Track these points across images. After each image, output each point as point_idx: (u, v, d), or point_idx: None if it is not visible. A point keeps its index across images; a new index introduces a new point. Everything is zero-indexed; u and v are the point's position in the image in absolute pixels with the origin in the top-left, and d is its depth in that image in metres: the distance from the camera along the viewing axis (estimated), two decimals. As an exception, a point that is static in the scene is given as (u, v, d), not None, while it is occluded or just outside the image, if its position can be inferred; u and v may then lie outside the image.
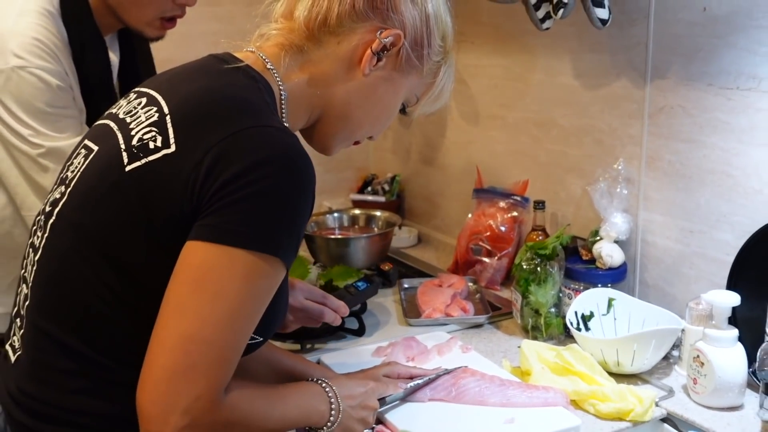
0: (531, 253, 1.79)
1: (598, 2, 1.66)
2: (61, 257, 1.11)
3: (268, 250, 1.00)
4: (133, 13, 1.58)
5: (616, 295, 1.71)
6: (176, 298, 0.99)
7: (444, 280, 2.06)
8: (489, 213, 2.19)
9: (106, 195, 1.07)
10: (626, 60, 1.82)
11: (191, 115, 1.07)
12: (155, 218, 1.03)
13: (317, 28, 1.17)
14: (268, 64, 1.17)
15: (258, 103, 1.10)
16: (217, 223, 0.99)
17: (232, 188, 0.99)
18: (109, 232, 1.06)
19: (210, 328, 0.98)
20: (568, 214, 2.05)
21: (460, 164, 2.45)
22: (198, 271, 0.99)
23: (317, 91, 1.20)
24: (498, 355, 1.71)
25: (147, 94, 1.15)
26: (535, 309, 1.76)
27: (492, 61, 2.25)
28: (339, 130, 1.25)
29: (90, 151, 1.15)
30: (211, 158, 1.00)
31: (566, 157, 2.04)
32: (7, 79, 1.45)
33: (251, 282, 1.00)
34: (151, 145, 1.05)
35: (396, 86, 1.24)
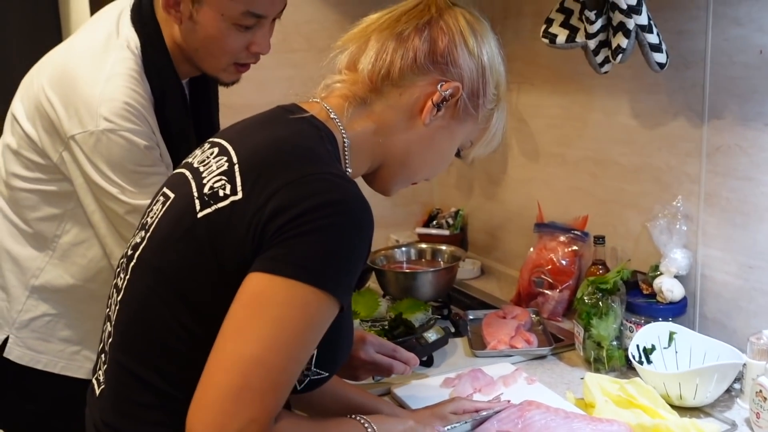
0: (593, 287, 1.77)
1: (657, 47, 1.66)
2: (141, 298, 1.13)
3: (325, 287, 1.01)
4: (209, 61, 1.58)
5: (677, 329, 1.68)
6: (235, 322, 1.00)
7: (508, 311, 2.05)
8: (550, 247, 2.17)
9: (180, 240, 1.10)
10: (683, 101, 1.80)
11: (257, 164, 1.09)
12: (224, 261, 1.05)
13: (380, 81, 1.20)
14: (332, 114, 1.19)
15: (320, 151, 1.12)
16: (277, 256, 1.01)
17: (292, 226, 1.01)
18: (184, 275, 1.08)
19: (268, 352, 0.98)
20: (628, 249, 2.02)
21: (520, 199, 2.44)
22: (258, 297, 1.00)
23: (379, 140, 1.22)
24: (561, 386, 1.69)
25: (219, 145, 1.18)
26: (597, 342, 1.74)
27: (551, 101, 2.25)
28: (399, 175, 1.28)
29: (167, 198, 1.17)
30: (273, 203, 1.02)
31: (625, 193, 2.02)
32: (97, 141, 1.46)
33: (307, 314, 1.01)
34: (221, 193, 1.08)
35: (453, 133, 1.26)
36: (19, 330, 1.63)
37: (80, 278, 1.62)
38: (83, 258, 1.61)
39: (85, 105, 1.46)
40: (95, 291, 1.63)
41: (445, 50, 1.20)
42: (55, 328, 1.64)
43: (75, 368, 1.66)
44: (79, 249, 1.60)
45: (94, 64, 1.50)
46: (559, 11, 1.79)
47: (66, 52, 1.58)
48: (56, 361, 1.65)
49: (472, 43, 1.22)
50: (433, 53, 1.20)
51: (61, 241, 1.60)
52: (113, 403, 1.15)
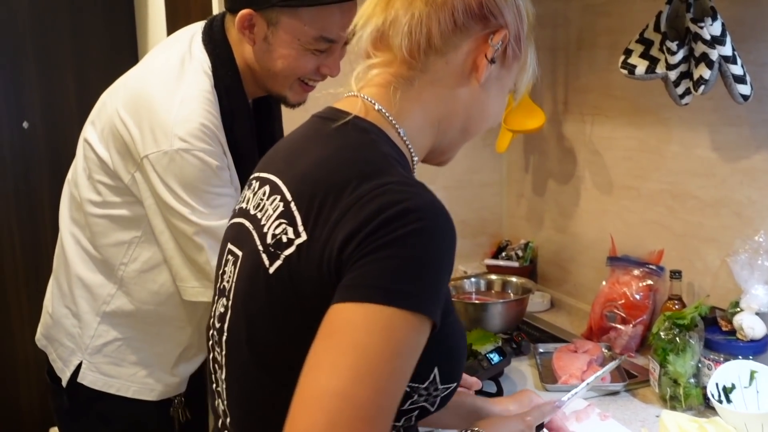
0: (669, 323, 1.72)
1: (741, 79, 1.61)
2: (245, 376, 1.03)
3: (405, 306, 0.88)
4: (279, 81, 1.58)
5: (758, 367, 1.62)
6: (314, 356, 0.89)
7: (579, 345, 2.00)
8: (623, 281, 2.12)
9: (261, 303, 0.99)
10: (766, 134, 1.74)
11: (311, 196, 0.97)
12: (312, 310, 0.92)
13: (423, 54, 1.06)
14: (376, 106, 1.05)
15: (376, 159, 0.99)
16: (352, 281, 0.89)
17: (361, 249, 0.89)
18: (279, 341, 0.98)
19: (349, 383, 0.85)
20: (705, 285, 1.96)
21: (592, 233, 2.39)
22: (333, 327, 0.89)
23: (436, 117, 1.10)
24: (636, 423, 1.63)
25: (268, 181, 1.06)
26: (673, 379, 1.68)
27: (626, 133, 2.21)
28: (459, 142, 1.16)
29: (236, 257, 1.07)
30: (339, 234, 0.91)
31: (703, 228, 1.96)
32: (170, 161, 1.47)
33: (391, 337, 0.88)
34: (284, 239, 0.97)
35: (504, 82, 1.14)
36: (92, 355, 1.64)
37: (151, 303, 1.63)
38: (154, 283, 1.62)
39: (160, 125, 1.48)
40: (166, 314, 1.64)
41: (482, 1, 1.06)
42: (127, 352, 1.65)
43: (147, 392, 1.67)
44: (150, 275, 1.61)
45: (168, 86, 1.52)
46: (639, 42, 1.77)
47: (140, 74, 1.60)
48: (129, 385, 1.66)
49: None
50: (470, 8, 1.05)
51: (129, 268, 1.61)
52: None
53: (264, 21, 1.51)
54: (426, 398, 1.03)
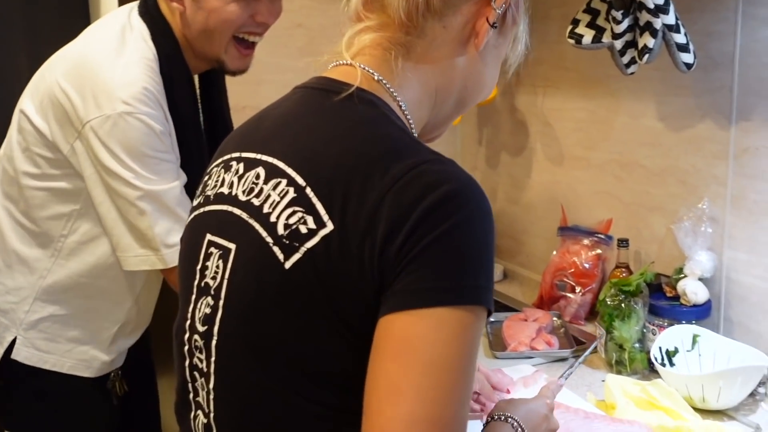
0: (615, 290, 1.75)
1: (684, 47, 1.63)
2: (248, 384, 0.92)
3: (473, 301, 0.82)
4: (214, 39, 1.57)
5: (700, 331, 1.65)
6: (386, 377, 0.81)
7: (529, 314, 2.02)
8: (573, 250, 2.14)
9: (273, 303, 0.88)
10: (711, 102, 1.77)
11: (334, 179, 0.86)
12: (337, 308, 0.85)
13: (421, 18, 0.96)
14: (376, 76, 0.96)
15: (396, 135, 0.91)
16: (408, 285, 0.81)
17: (414, 241, 0.81)
18: (295, 344, 0.88)
19: (433, 406, 0.80)
20: (652, 252, 1.99)
21: (544, 203, 2.41)
22: (404, 344, 0.81)
23: (433, 88, 1.01)
24: (583, 388, 1.66)
25: (261, 163, 0.94)
26: (619, 344, 1.71)
27: (576, 104, 2.23)
28: (453, 114, 1.08)
29: (226, 250, 0.94)
30: (382, 220, 0.82)
31: (650, 196, 1.99)
32: (113, 125, 1.46)
33: (465, 341, 0.82)
34: (303, 230, 0.86)
35: (500, 51, 1.06)
36: (26, 331, 1.61)
37: (89, 276, 1.61)
38: (92, 255, 1.59)
39: (103, 90, 1.47)
40: (103, 288, 1.62)
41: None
42: (63, 328, 1.63)
43: (83, 368, 1.64)
44: (88, 247, 1.59)
45: (110, 53, 1.51)
46: (586, 12, 1.77)
47: (80, 45, 1.58)
48: (64, 361, 1.63)
49: None
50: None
51: (69, 240, 1.58)
52: None
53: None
54: None
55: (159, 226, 1.49)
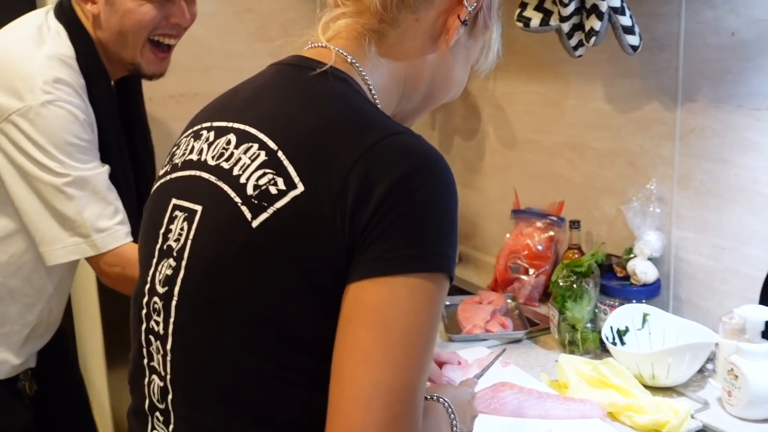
0: (567, 271, 1.76)
1: (629, 29, 1.64)
2: (206, 342, 0.92)
3: (440, 268, 0.85)
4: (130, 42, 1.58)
5: (650, 310, 1.68)
6: (359, 345, 0.83)
7: (484, 297, 2.04)
8: (526, 233, 2.16)
9: (238, 260, 0.89)
10: (657, 84, 1.79)
11: (306, 144, 0.89)
12: (305, 270, 0.86)
13: (395, 8, 1.00)
14: (349, 59, 1.00)
15: (368, 109, 0.95)
16: (382, 254, 0.84)
17: (385, 210, 0.84)
18: (257, 302, 0.88)
19: (407, 373, 0.82)
20: (603, 233, 2.02)
21: (498, 187, 2.43)
22: (377, 312, 0.83)
23: (402, 77, 1.05)
24: (536, 369, 1.68)
25: (232, 130, 0.96)
26: (571, 324, 1.73)
27: (527, 87, 2.24)
28: (421, 109, 1.11)
29: (191, 212, 0.95)
30: (353, 185, 0.84)
31: (600, 178, 2.01)
32: (36, 115, 1.45)
33: (433, 308, 0.85)
34: (273, 190, 0.88)
35: (470, 53, 1.11)
36: None
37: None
38: (4, 254, 1.56)
39: (24, 81, 1.46)
40: (13, 288, 1.58)
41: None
42: None
43: None
44: (1, 246, 1.56)
45: (29, 49, 1.51)
46: (534, -6, 1.78)
47: None
48: None
49: None
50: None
51: None
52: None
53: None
54: None
55: (88, 211, 1.47)
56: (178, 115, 2.44)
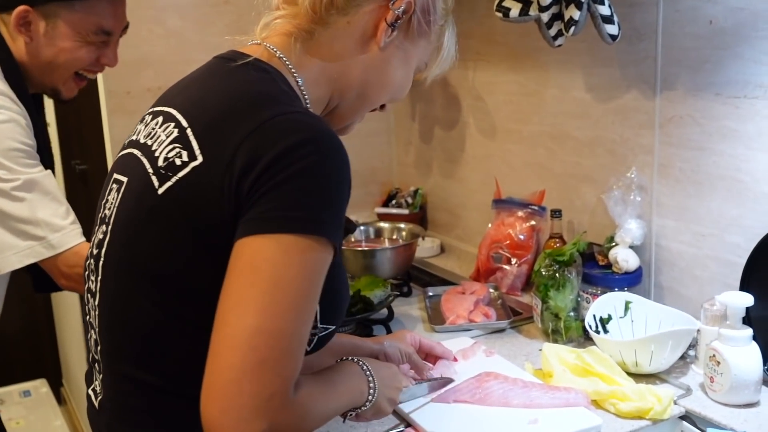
0: (549, 260, 1.77)
1: (608, 19, 1.65)
2: (119, 297, 1.05)
3: (316, 232, 0.93)
4: (57, 74, 1.63)
5: (632, 298, 1.69)
6: (234, 293, 0.92)
7: (467, 287, 2.05)
8: (508, 222, 2.17)
9: (145, 222, 1.01)
10: (636, 73, 1.80)
11: (210, 122, 1.01)
12: (200, 232, 0.96)
13: (324, 10, 1.10)
14: (278, 53, 1.10)
15: (274, 92, 1.04)
16: (259, 214, 0.93)
17: (267, 177, 0.93)
18: (159, 260, 1.00)
19: (274, 319, 0.90)
20: (584, 222, 2.03)
21: (479, 177, 2.43)
22: (252, 264, 0.92)
23: (334, 74, 1.14)
24: (520, 358, 1.69)
25: (162, 112, 1.09)
26: (554, 313, 1.74)
27: (507, 77, 2.24)
28: (358, 108, 1.20)
29: (120, 184, 1.09)
30: (241, 157, 0.94)
31: (580, 167, 2.02)
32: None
33: (305, 267, 0.93)
34: (177, 162, 1.00)
35: (408, 54, 1.18)
36: None
37: None
38: None
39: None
40: None
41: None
42: None
43: None
44: None
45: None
46: (513, -15, 1.78)
47: None
48: None
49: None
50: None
51: None
52: (116, 412, 1.08)
53: (41, 16, 1.56)
54: None
55: (42, 212, 1.48)
56: (157, 109, 2.43)
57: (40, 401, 3.79)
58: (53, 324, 4.02)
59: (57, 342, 4.03)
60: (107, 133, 2.42)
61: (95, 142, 2.61)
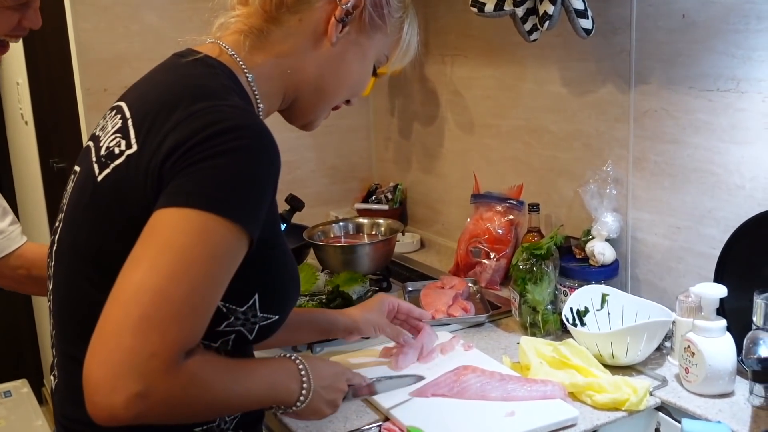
0: (527, 254, 1.78)
1: (582, 13, 1.66)
2: (66, 281, 1.09)
3: (220, 212, 0.94)
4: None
5: (609, 290, 1.70)
6: (134, 255, 0.93)
7: (446, 282, 2.05)
8: (487, 217, 2.18)
9: (86, 208, 1.06)
10: (611, 67, 1.81)
11: (148, 113, 1.04)
12: (133, 217, 0.98)
13: (275, 9, 1.13)
14: (229, 51, 1.13)
15: (213, 86, 1.06)
16: (171, 189, 0.95)
17: (186, 159, 0.95)
18: (97, 244, 1.03)
19: (166, 280, 0.90)
20: (561, 216, 2.04)
21: (458, 172, 2.44)
22: (153, 229, 0.94)
23: (287, 70, 1.16)
24: (498, 351, 1.70)
25: (116, 106, 1.14)
26: (532, 307, 1.75)
27: (484, 72, 2.25)
28: (316, 103, 1.22)
29: (75, 173, 1.14)
30: (166, 143, 0.97)
31: (557, 161, 2.03)
32: None
33: (205, 240, 0.93)
34: (116, 151, 1.04)
35: (364, 49, 1.20)
36: None
37: None
38: None
39: None
40: None
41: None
42: None
43: None
44: None
45: None
46: (488, -20, 1.79)
47: None
48: None
49: None
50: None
51: None
52: (66, 394, 1.11)
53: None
54: (243, 323, 1.07)
55: None
56: (134, 107, 2.42)
57: (21, 401, 3.77)
58: (34, 324, 4.00)
59: (38, 342, 4.00)
60: (84, 131, 2.41)
61: (73, 140, 2.59)
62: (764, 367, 1.35)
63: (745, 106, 1.53)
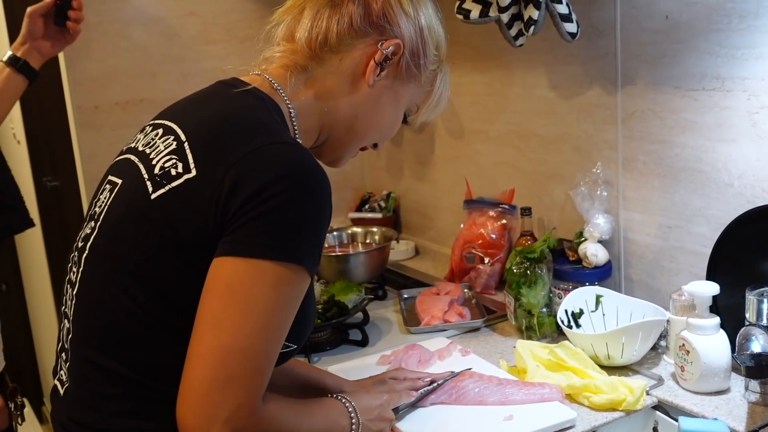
0: (521, 258, 1.79)
1: (567, 17, 1.67)
2: (97, 287, 1.11)
3: (293, 260, 1.00)
4: None
5: (603, 292, 1.71)
6: (210, 312, 0.99)
7: (441, 288, 2.06)
8: (480, 222, 2.19)
9: (134, 222, 1.08)
10: (597, 69, 1.82)
11: (207, 140, 1.08)
12: (183, 239, 1.03)
13: (319, 48, 1.18)
14: (275, 85, 1.18)
15: (268, 121, 1.11)
16: (242, 238, 0.99)
17: (253, 204, 0.99)
18: (140, 257, 1.06)
19: (245, 339, 0.98)
20: (554, 218, 2.05)
21: (450, 178, 2.45)
22: (229, 285, 0.99)
23: (324, 107, 1.21)
24: (495, 356, 1.70)
25: (162, 125, 1.16)
26: (527, 310, 1.76)
27: (472, 78, 2.26)
28: (347, 142, 1.26)
29: (114, 185, 1.15)
30: (231, 177, 1.01)
31: (548, 164, 2.04)
32: None
33: (279, 291, 1.00)
34: (173, 172, 1.06)
35: (398, 95, 1.25)
36: None
37: None
38: None
39: None
40: None
41: (381, 11, 1.19)
42: None
43: None
44: None
45: None
46: (472, -13, 1.80)
47: None
48: None
49: (407, 4, 1.21)
50: (369, 15, 1.19)
51: None
52: (79, 398, 1.12)
53: None
54: None
55: None
56: (125, 122, 2.44)
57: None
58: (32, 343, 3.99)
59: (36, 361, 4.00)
60: (77, 148, 2.42)
61: (65, 158, 2.59)
62: (757, 362, 1.36)
63: (730, 104, 1.54)
